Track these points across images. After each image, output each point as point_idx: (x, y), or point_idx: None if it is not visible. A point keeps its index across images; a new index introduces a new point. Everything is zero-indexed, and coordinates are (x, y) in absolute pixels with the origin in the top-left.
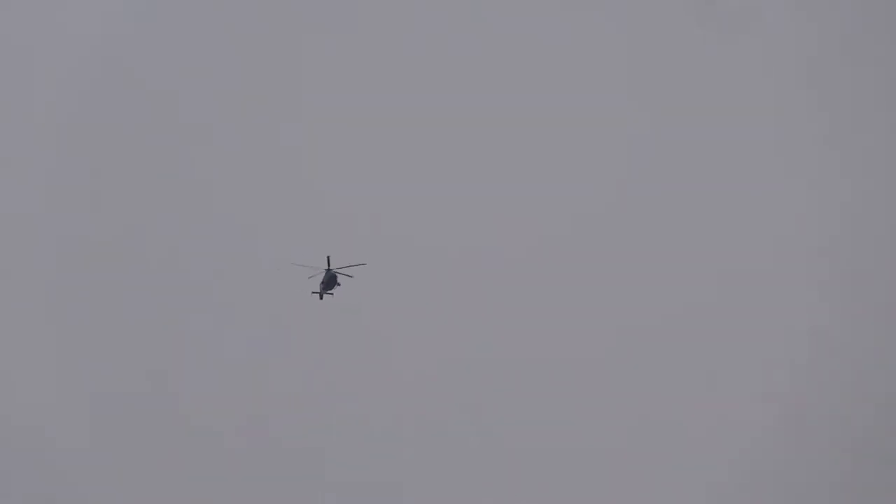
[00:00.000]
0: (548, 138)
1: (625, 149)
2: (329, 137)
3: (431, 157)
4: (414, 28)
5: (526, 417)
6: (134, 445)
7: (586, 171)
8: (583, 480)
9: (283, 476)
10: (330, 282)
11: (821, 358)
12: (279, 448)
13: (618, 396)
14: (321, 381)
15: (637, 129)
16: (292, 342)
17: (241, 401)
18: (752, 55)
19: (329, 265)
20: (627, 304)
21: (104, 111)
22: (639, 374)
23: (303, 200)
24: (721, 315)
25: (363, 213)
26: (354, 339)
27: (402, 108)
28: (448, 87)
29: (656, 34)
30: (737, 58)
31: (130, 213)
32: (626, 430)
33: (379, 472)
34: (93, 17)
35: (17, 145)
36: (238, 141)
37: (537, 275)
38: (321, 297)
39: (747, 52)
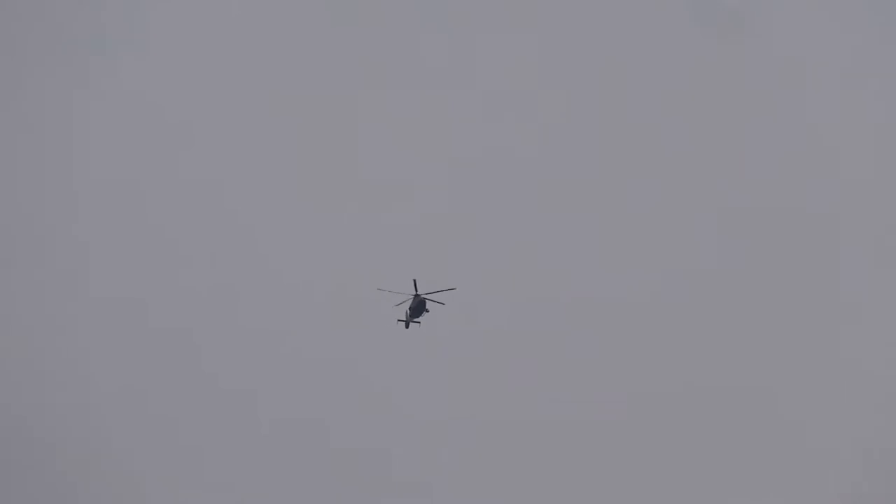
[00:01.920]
0: (545, 138)
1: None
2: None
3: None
4: (414, 31)
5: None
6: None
7: (586, 171)
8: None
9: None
10: (418, 308)
11: None
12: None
13: None
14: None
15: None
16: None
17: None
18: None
19: (416, 290)
20: None
21: None
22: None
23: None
24: None
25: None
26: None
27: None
28: (448, 87)
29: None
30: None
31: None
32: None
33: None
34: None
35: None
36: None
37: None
38: (407, 326)
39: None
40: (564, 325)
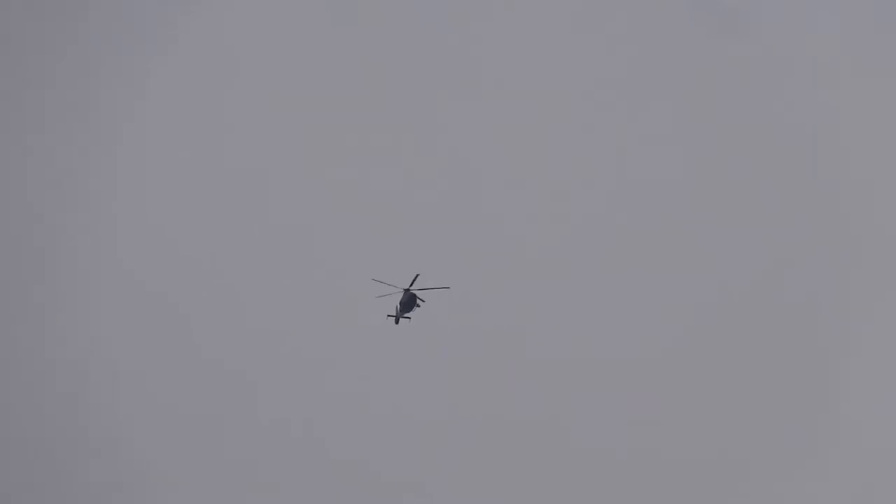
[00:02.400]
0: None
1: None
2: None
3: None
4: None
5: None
6: None
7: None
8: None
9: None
10: (409, 302)
11: None
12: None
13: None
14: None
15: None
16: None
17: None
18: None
19: (410, 284)
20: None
21: None
22: None
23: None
24: None
25: None
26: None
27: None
28: (447, 86)
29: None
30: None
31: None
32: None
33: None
34: None
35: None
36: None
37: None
38: (397, 322)
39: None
40: (565, 325)
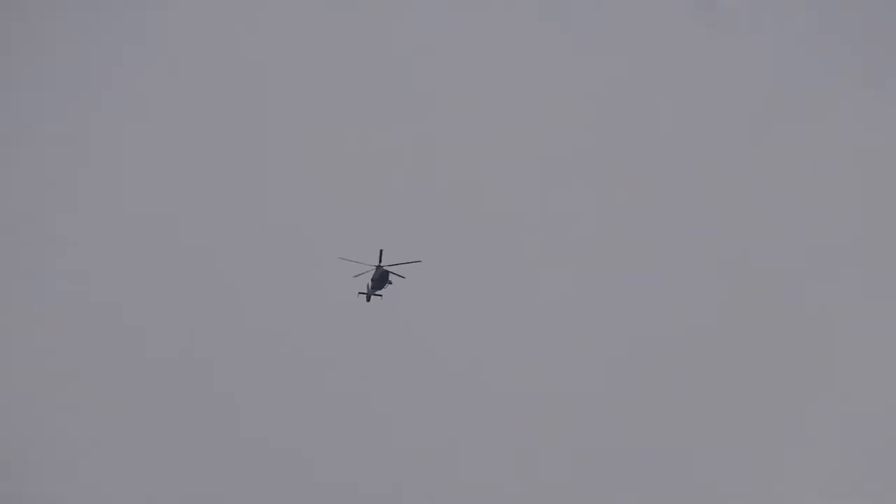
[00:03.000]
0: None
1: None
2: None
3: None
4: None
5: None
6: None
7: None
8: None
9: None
10: (381, 279)
11: None
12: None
13: None
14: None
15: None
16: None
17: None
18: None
19: (380, 261)
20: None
21: None
22: None
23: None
24: None
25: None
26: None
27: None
28: (445, 83)
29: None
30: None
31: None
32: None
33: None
34: None
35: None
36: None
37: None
38: (368, 299)
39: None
40: (564, 323)
